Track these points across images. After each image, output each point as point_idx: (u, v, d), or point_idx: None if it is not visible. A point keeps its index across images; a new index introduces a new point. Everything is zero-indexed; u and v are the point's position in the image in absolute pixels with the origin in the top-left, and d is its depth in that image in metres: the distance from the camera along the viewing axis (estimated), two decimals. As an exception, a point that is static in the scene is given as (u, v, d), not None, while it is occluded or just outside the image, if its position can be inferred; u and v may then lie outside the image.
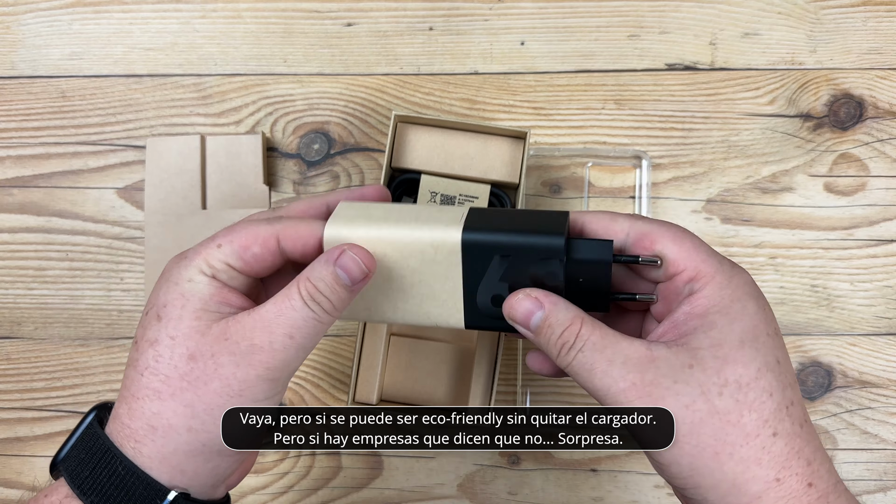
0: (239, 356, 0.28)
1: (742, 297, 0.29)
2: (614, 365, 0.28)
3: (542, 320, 0.29)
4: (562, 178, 0.49)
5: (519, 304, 0.30)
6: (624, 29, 0.50)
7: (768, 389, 0.27)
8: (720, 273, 0.29)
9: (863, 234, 0.49)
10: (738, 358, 0.27)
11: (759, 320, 0.28)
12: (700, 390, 0.27)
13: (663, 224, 0.30)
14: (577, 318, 0.29)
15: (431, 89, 0.50)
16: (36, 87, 0.51)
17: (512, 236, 0.30)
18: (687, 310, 0.29)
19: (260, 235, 0.30)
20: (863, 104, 0.50)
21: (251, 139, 0.49)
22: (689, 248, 0.29)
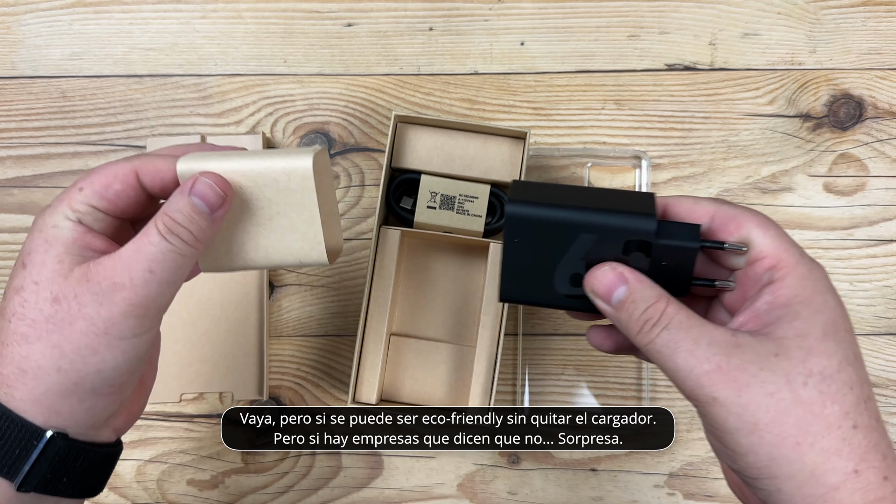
0: (101, 295, 0.28)
1: (822, 289, 0.29)
2: (699, 345, 0.27)
3: (626, 295, 0.29)
4: (562, 179, 0.50)
5: (604, 276, 0.29)
6: (624, 29, 0.50)
7: (849, 382, 0.27)
8: (801, 264, 0.29)
9: (862, 234, 0.49)
10: (821, 350, 0.27)
11: (839, 315, 0.28)
12: (785, 379, 0.27)
13: (748, 210, 0.30)
14: (662, 296, 0.29)
15: (431, 89, 0.50)
16: (36, 88, 0.51)
17: (601, 216, 0.29)
18: (769, 299, 0.29)
19: (119, 173, 0.30)
20: (862, 104, 0.50)
21: (251, 139, 0.49)
22: (774, 235, 0.29)
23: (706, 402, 0.27)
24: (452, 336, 0.48)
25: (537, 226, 0.29)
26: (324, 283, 0.49)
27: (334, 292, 0.49)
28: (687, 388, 0.28)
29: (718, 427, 0.27)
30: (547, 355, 0.48)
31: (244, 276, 0.49)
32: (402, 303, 0.48)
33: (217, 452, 0.48)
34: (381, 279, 0.45)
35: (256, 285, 0.48)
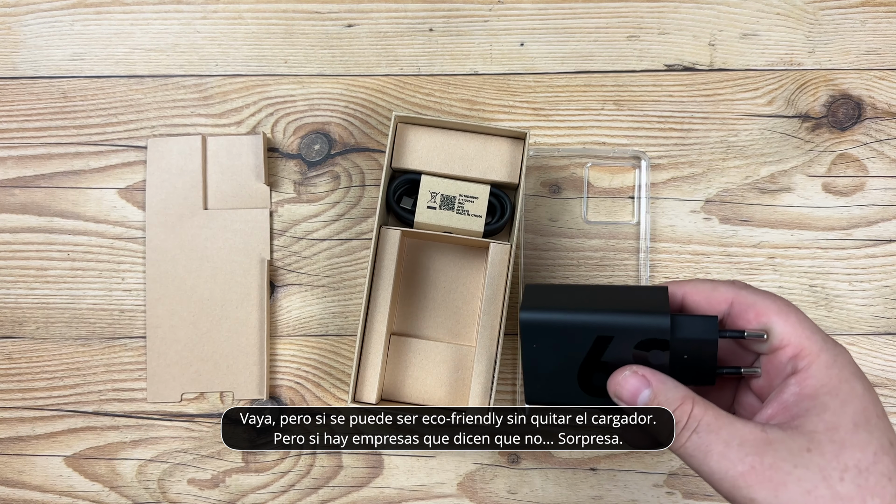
0: None
1: (849, 377, 0.28)
2: (731, 447, 0.27)
3: (651, 399, 0.29)
4: (561, 179, 0.50)
5: (626, 382, 0.29)
6: (623, 30, 0.51)
7: (887, 474, 0.27)
8: (825, 351, 0.29)
9: (861, 234, 0.49)
10: (854, 442, 0.27)
11: (869, 402, 0.28)
12: (821, 475, 0.26)
13: (768, 296, 0.30)
14: (687, 397, 0.28)
15: (431, 90, 0.50)
16: (37, 88, 0.51)
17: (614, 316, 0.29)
18: (796, 391, 0.28)
19: None
20: (861, 105, 0.50)
21: (252, 140, 0.49)
22: (795, 322, 0.29)
23: (745, 503, 0.27)
24: (452, 336, 0.48)
25: (552, 330, 0.29)
26: (324, 283, 0.49)
27: (334, 292, 0.49)
28: (724, 490, 0.27)
29: None
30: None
31: (244, 275, 0.49)
32: (402, 303, 0.48)
33: (218, 452, 0.48)
34: (381, 279, 0.45)
35: (257, 285, 0.49)
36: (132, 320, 0.49)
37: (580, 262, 0.49)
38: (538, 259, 0.49)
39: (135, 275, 0.50)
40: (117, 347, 0.49)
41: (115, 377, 0.49)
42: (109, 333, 0.49)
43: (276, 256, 0.50)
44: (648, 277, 0.49)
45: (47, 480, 0.49)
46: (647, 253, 0.49)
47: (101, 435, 0.49)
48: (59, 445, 0.49)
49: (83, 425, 0.49)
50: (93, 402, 0.49)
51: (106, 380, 0.49)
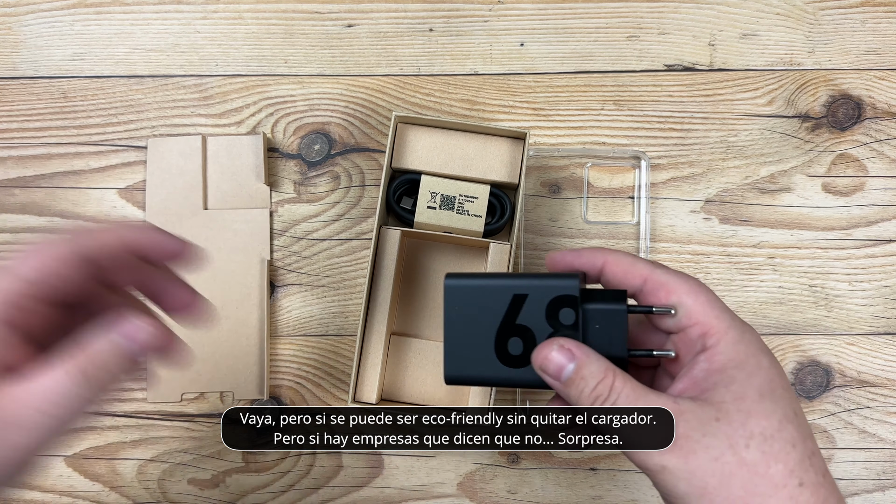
0: None
1: (756, 352, 0.29)
2: None
3: (575, 372, 0.30)
4: (561, 179, 0.50)
5: (550, 354, 0.30)
6: (623, 30, 0.51)
7: (791, 441, 0.28)
8: (733, 329, 0.30)
9: (861, 234, 0.49)
10: (760, 411, 0.28)
11: (775, 374, 0.29)
12: (728, 443, 0.28)
13: (681, 276, 0.31)
14: (609, 369, 0.30)
15: (431, 90, 0.50)
16: (38, 88, 0.51)
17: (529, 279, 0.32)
18: (705, 366, 0.29)
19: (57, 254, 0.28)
20: (861, 105, 0.50)
21: (252, 140, 0.49)
22: (704, 301, 0.30)
23: (656, 470, 0.28)
24: (452, 336, 0.48)
25: (473, 293, 0.31)
26: (324, 283, 0.49)
27: (334, 292, 0.49)
28: (637, 458, 0.29)
29: (671, 493, 0.28)
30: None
31: (244, 275, 0.49)
32: (402, 303, 0.48)
33: (218, 452, 0.49)
34: (381, 279, 0.45)
35: (257, 285, 0.49)
36: (132, 320, 0.49)
37: (580, 262, 0.49)
38: (538, 259, 0.49)
39: (135, 275, 0.50)
40: (117, 347, 0.49)
41: (116, 377, 0.49)
42: (109, 333, 0.49)
43: (276, 256, 0.50)
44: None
45: (47, 480, 0.49)
46: (647, 253, 0.49)
47: (101, 435, 0.49)
48: (60, 445, 0.49)
49: (83, 425, 0.49)
50: (93, 402, 0.49)
51: (106, 380, 0.49)
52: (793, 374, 0.48)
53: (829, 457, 0.48)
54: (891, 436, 0.48)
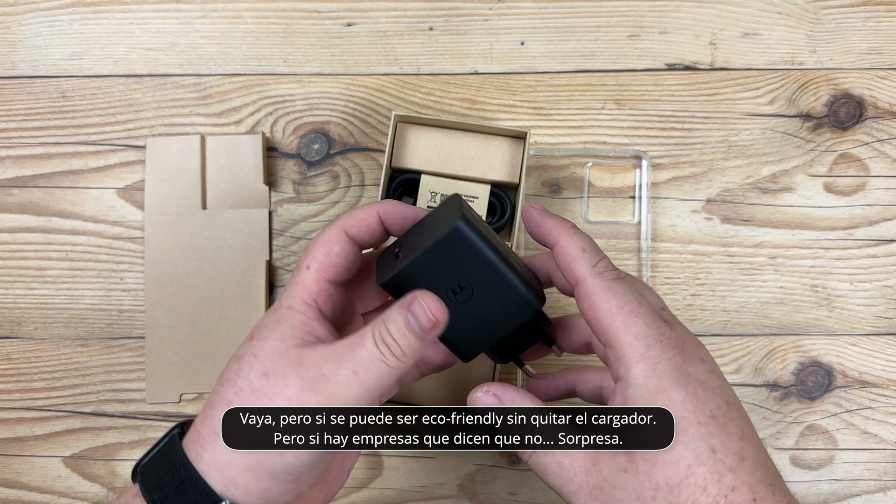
0: (306, 381, 0.29)
1: (667, 386, 0.28)
2: (563, 468, 0.29)
3: None
4: (562, 178, 0.49)
5: (479, 401, 0.32)
6: (624, 29, 0.50)
7: (701, 485, 0.27)
8: (645, 359, 0.28)
9: (862, 233, 0.49)
10: (665, 459, 0.27)
11: (687, 411, 0.28)
12: (635, 496, 0.27)
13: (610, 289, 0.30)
14: None
15: (431, 89, 0.50)
16: (36, 87, 0.51)
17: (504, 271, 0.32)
18: (619, 401, 0.29)
19: (331, 236, 0.32)
20: (863, 104, 0.50)
21: (251, 139, 0.49)
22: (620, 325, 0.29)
23: None
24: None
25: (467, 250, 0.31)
26: (324, 283, 0.49)
27: (334, 292, 0.49)
28: (564, 501, 0.30)
29: None
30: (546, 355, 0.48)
31: (243, 275, 0.49)
32: (402, 303, 0.48)
33: (217, 453, 0.48)
34: (381, 279, 0.45)
35: (257, 285, 0.48)
36: (131, 320, 0.49)
37: (581, 262, 0.49)
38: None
39: (133, 275, 0.49)
40: (116, 348, 0.49)
41: (114, 378, 0.49)
42: (108, 334, 0.49)
43: (275, 256, 0.49)
44: (650, 278, 0.48)
45: (46, 481, 0.48)
46: (647, 253, 0.48)
47: (99, 435, 0.49)
48: (58, 446, 0.49)
49: (82, 426, 0.49)
50: (91, 402, 0.49)
51: (105, 380, 0.49)
52: (794, 374, 0.48)
53: (830, 458, 0.48)
54: (892, 436, 0.48)
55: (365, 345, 0.29)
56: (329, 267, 0.31)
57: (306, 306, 0.31)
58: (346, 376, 0.28)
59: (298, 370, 0.29)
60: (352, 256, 0.32)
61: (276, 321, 0.30)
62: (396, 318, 0.29)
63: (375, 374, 0.28)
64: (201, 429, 0.30)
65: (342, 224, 0.32)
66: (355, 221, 0.32)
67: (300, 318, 0.30)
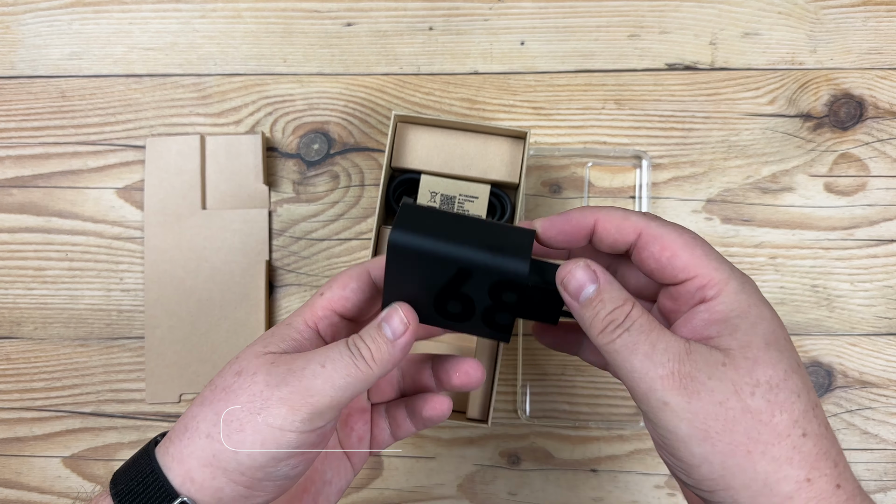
0: (273, 376, 0.29)
1: (757, 302, 0.29)
2: (656, 350, 0.28)
3: (595, 294, 0.29)
4: (562, 178, 0.49)
5: (576, 271, 0.30)
6: (624, 29, 0.50)
7: (796, 391, 0.27)
8: (733, 279, 0.29)
9: (863, 234, 0.49)
10: (766, 359, 0.28)
11: (777, 325, 0.29)
12: (733, 388, 0.27)
13: (676, 228, 0.31)
14: (628, 299, 0.29)
15: (431, 89, 0.50)
16: (35, 87, 0.51)
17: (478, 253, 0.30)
18: (706, 317, 0.29)
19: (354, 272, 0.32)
20: (863, 104, 0.50)
21: (251, 139, 0.49)
22: (700, 255, 0.30)
23: (657, 406, 0.27)
24: (452, 336, 0.47)
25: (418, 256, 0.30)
26: (324, 283, 0.49)
27: (334, 292, 0.49)
28: (640, 390, 0.28)
29: (671, 434, 0.27)
30: (547, 356, 0.48)
31: (243, 275, 0.48)
32: (401, 303, 0.48)
33: (216, 453, 0.48)
34: (380, 279, 0.45)
35: (256, 285, 0.48)
36: (130, 321, 0.49)
37: (581, 262, 0.49)
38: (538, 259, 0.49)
39: (133, 275, 0.49)
40: (115, 348, 0.49)
41: (114, 378, 0.49)
42: (108, 334, 0.49)
43: (275, 256, 0.49)
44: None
45: (45, 481, 0.48)
46: (647, 253, 0.48)
47: (99, 436, 0.49)
48: (58, 446, 0.49)
49: (81, 426, 0.49)
50: (91, 402, 0.49)
51: (104, 380, 0.49)
52: (794, 374, 0.48)
53: (830, 458, 0.48)
54: (892, 437, 0.48)
55: (337, 346, 0.29)
56: (340, 299, 0.32)
57: (305, 326, 0.31)
58: (313, 369, 0.29)
59: (269, 368, 0.29)
60: (367, 295, 0.32)
61: (271, 332, 0.31)
62: (370, 326, 0.30)
63: (343, 373, 0.29)
64: (175, 426, 0.30)
65: (369, 265, 0.33)
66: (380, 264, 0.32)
67: (293, 334, 0.31)
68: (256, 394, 0.28)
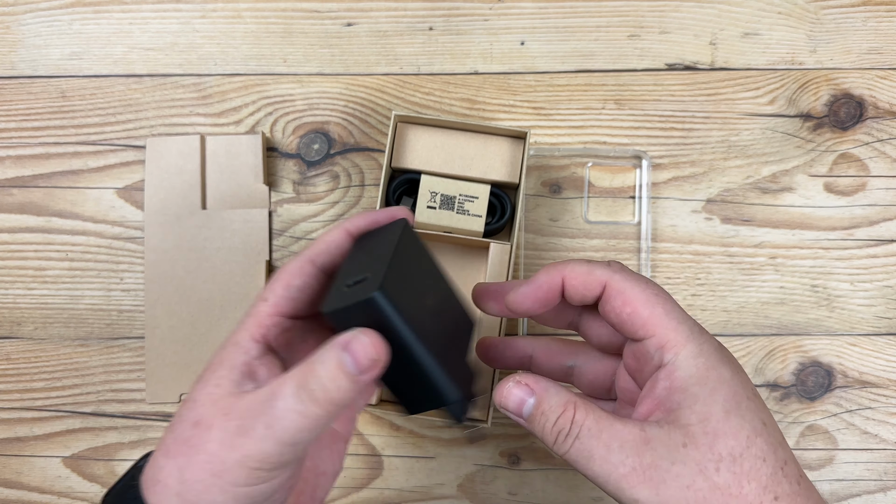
0: (227, 434, 0.27)
1: (716, 364, 0.29)
2: (612, 450, 0.27)
3: (535, 408, 0.29)
4: (562, 178, 0.49)
5: (510, 393, 0.30)
6: (624, 29, 0.50)
7: (761, 455, 0.27)
8: (691, 341, 0.29)
9: (863, 234, 0.49)
10: (726, 430, 0.27)
11: (738, 386, 0.28)
12: (698, 469, 0.27)
13: (639, 283, 0.30)
14: (569, 402, 0.29)
15: (431, 89, 0.50)
16: (36, 87, 0.51)
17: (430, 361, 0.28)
18: (666, 385, 0.29)
19: (294, 267, 0.30)
20: (863, 104, 0.50)
21: (251, 139, 0.49)
22: (661, 313, 0.30)
23: (630, 503, 0.27)
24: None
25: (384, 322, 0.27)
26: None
27: (334, 292, 0.49)
28: (609, 492, 0.28)
29: None
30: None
31: (243, 276, 0.49)
32: (401, 303, 0.48)
33: (217, 453, 0.48)
34: (380, 279, 0.45)
35: (256, 285, 0.48)
36: (131, 321, 0.49)
37: (581, 262, 0.49)
38: (538, 259, 0.49)
39: (133, 275, 0.49)
40: (116, 348, 0.49)
41: (114, 378, 0.49)
42: (108, 334, 0.49)
43: (275, 256, 0.49)
44: (649, 277, 0.48)
45: (45, 481, 0.48)
46: (648, 253, 0.48)
47: (99, 436, 0.49)
48: (58, 446, 0.49)
49: (81, 426, 0.49)
50: (91, 402, 0.49)
51: (104, 380, 0.49)
52: (794, 374, 0.48)
53: (830, 458, 0.48)
54: (892, 436, 0.48)
55: (283, 394, 0.26)
56: (287, 301, 0.29)
57: (252, 343, 0.29)
58: (261, 433, 0.26)
59: (223, 422, 0.27)
60: (314, 289, 0.30)
61: (220, 361, 0.29)
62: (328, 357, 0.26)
63: (292, 429, 0.26)
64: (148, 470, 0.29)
65: (308, 254, 0.30)
66: (323, 248, 0.30)
67: (241, 358, 0.29)
68: (214, 454, 0.27)
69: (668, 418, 0.28)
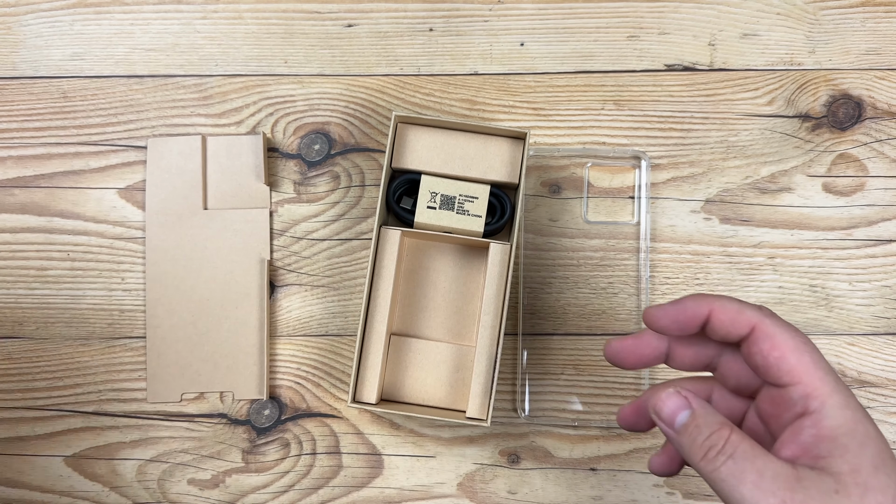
0: None
1: (862, 418, 0.29)
2: (764, 478, 0.27)
3: (690, 419, 0.29)
4: (561, 179, 0.50)
5: (668, 399, 0.30)
6: (623, 30, 0.50)
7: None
8: (837, 392, 0.29)
9: (861, 234, 0.49)
10: (875, 485, 0.27)
11: (883, 444, 0.29)
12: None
13: (788, 330, 0.31)
14: (725, 423, 0.29)
15: (431, 90, 0.50)
16: (37, 88, 0.51)
17: None
18: (814, 433, 0.29)
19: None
20: (861, 104, 0.50)
21: (252, 139, 0.49)
22: (808, 361, 0.30)
23: None
24: (452, 336, 0.48)
25: None
26: (324, 283, 0.49)
27: (334, 292, 0.49)
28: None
29: None
30: (547, 355, 0.49)
31: (244, 275, 0.49)
32: (402, 303, 0.48)
33: (218, 452, 0.48)
34: (381, 279, 0.45)
35: (257, 285, 0.49)
36: (132, 320, 0.49)
37: (580, 262, 0.49)
38: (538, 259, 0.49)
39: (134, 275, 0.50)
40: (117, 347, 0.49)
41: (115, 377, 0.49)
42: (109, 333, 0.49)
43: (275, 256, 0.50)
44: (649, 277, 0.49)
45: (47, 480, 0.49)
46: (647, 253, 0.49)
47: (100, 435, 0.49)
48: (59, 445, 0.49)
49: (83, 425, 0.49)
50: (93, 402, 0.49)
51: (106, 380, 0.49)
52: (793, 374, 0.48)
53: (829, 457, 0.48)
54: (892, 436, 0.48)
55: None
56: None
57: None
58: None
59: None
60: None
61: None
62: None
63: None
64: None
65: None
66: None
67: None
68: None
69: (818, 465, 0.28)
